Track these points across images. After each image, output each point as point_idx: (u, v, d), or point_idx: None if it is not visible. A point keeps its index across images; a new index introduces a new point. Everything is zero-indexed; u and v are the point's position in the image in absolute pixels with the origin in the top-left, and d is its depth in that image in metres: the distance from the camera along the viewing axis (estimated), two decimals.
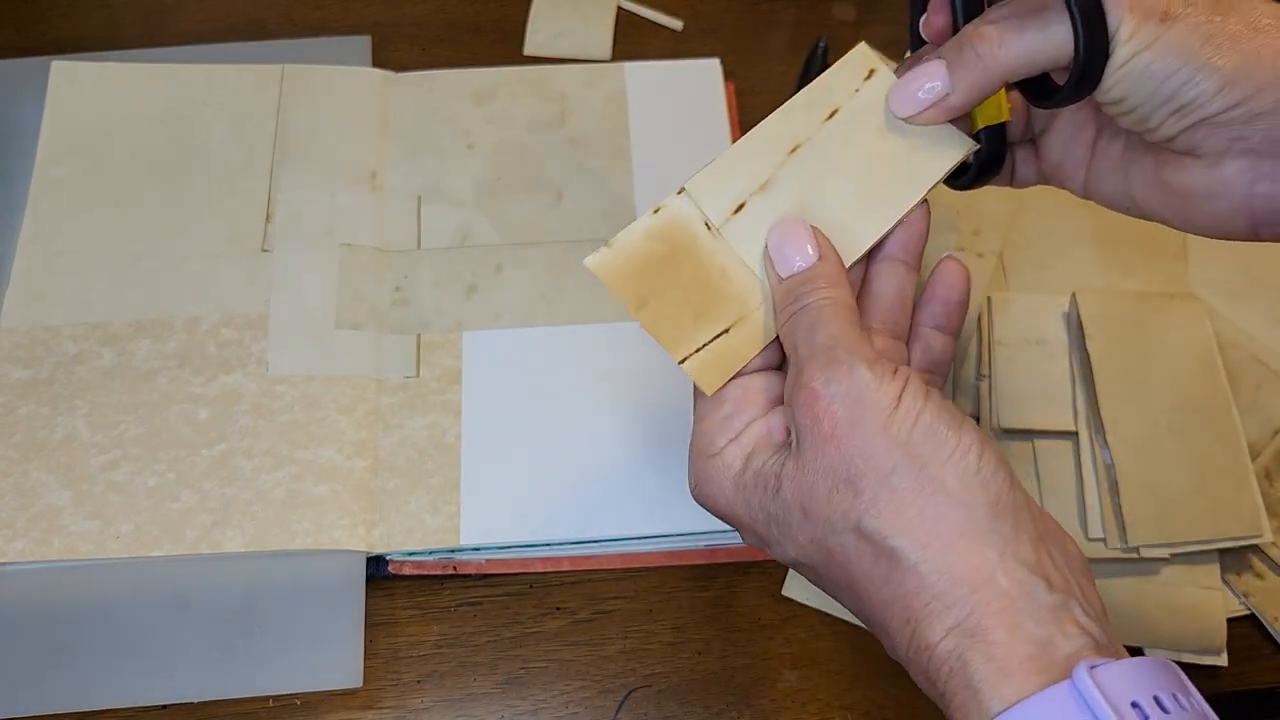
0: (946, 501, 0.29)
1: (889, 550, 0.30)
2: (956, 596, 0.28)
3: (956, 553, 0.29)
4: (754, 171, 0.37)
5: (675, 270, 0.36)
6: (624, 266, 0.36)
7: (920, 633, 0.29)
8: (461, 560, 0.47)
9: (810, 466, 0.31)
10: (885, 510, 0.30)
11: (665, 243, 0.36)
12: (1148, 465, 0.48)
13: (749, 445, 0.34)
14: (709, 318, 0.36)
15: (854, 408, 0.31)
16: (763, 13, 0.63)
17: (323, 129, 0.55)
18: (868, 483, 0.30)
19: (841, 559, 0.31)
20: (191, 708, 0.44)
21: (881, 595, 0.30)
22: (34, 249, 0.52)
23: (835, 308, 0.33)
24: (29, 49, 0.59)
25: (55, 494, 0.46)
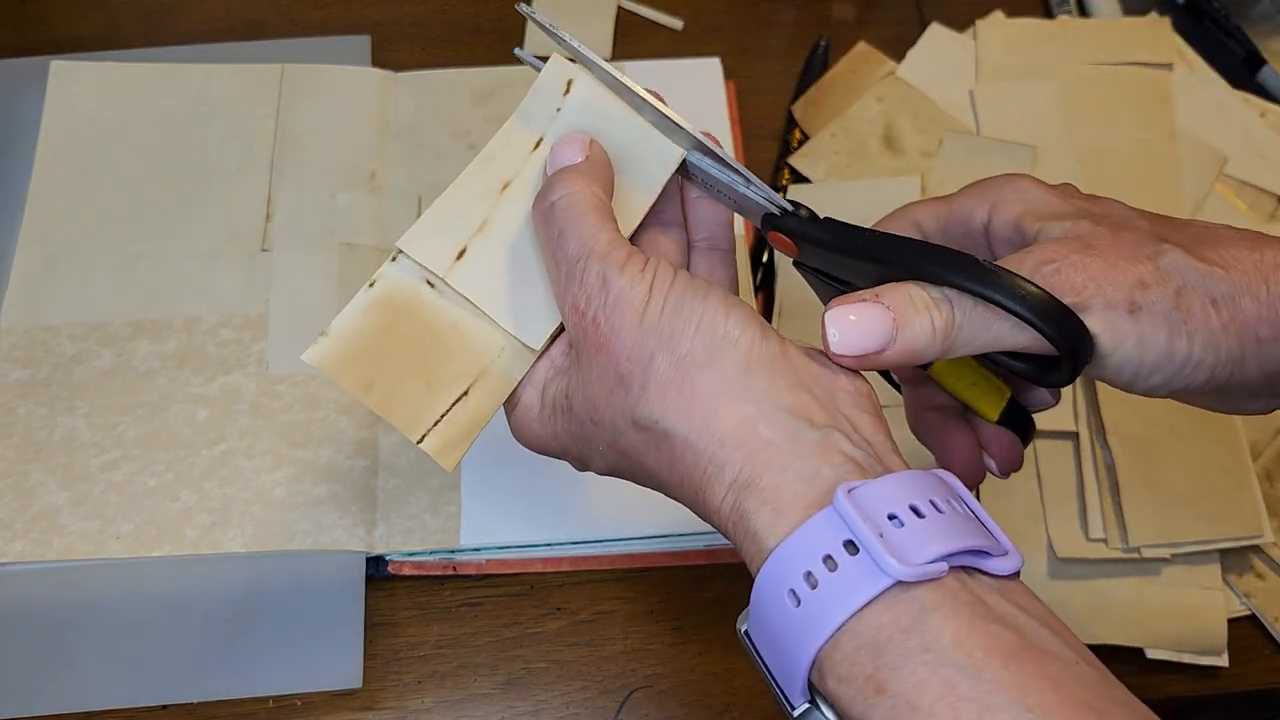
0: (700, 372, 0.31)
1: (663, 432, 0.31)
2: (726, 456, 0.30)
3: (718, 417, 0.30)
4: (468, 215, 0.35)
5: (401, 340, 0.34)
6: (346, 352, 0.34)
7: (706, 499, 0.31)
8: (461, 560, 0.47)
9: (589, 378, 0.33)
10: (652, 397, 0.31)
11: (387, 313, 0.34)
12: (1148, 465, 0.48)
13: (540, 381, 0.35)
14: (444, 383, 0.34)
15: (613, 314, 0.32)
16: (763, 13, 0.63)
17: (322, 129, 0.55)
18: (634, 377, 0.32)
19: (636, 455, 0.33)
20: (191, 708, 0.44)
21: (672, 477, 0.32)
22: (33, 249, 0.52)
23: (585, 206, 0.33)
24: (29, 49, 0.59)
25: (55, 494, 0.46)
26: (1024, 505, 0.49)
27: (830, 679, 0.27)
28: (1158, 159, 0.57)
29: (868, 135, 0.57)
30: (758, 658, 0.30)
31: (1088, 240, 0.32)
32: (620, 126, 0.36)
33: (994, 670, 0.25)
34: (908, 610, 0.26)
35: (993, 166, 0.56)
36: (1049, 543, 0.48)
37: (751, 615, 0.30)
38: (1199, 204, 0.56)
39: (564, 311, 0.33)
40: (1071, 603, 0.47)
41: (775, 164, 0.58)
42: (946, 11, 0.62)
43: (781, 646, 0.28)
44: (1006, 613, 0.27)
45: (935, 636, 0.26)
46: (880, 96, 0.58)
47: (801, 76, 0.60)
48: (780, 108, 0.59)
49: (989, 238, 0.35)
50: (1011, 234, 0.34)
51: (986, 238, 0.35)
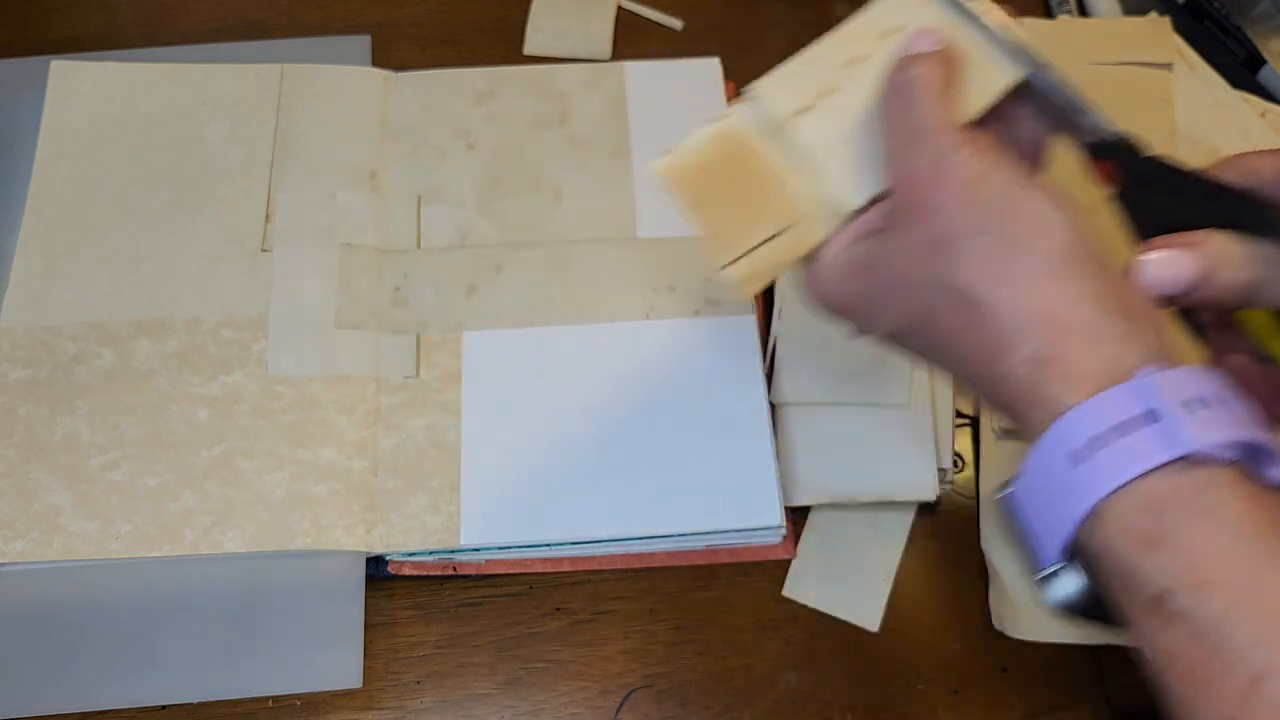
0: (1022, 251, 0.32)
1: (971, 299, 0.33)
2: (1031, 330, 0.31)
3: (1030, 294, 0.32)
4: (822, 78, 0.38)
5: (731, 174, 0.37)
6: (685, 169, 0.38)
7: (999, 368, 0.32)
8: (461, 560, 0.47)
9: (904, 240, 0.35)
10: (967, 264, 0.33)
11: (726, 147, 0.38)
12: None
13: (847, 239, 0.37)
14: (759, 221, 0.37)
15: (943, 182, 0.34)
16: (763, 13, 0.63)
17: (323, 129, 0.55)
18: (953, 244, 0.33)
19: (933, 318, 0.34)
20: (191, 708, 0.44)
21: (967, 341, 0.33)
22: (33, 249, 0.52)
23: (936, 88, 0.35)
24: (28, 49, 0.59)
25: (55, 494, 0.46)
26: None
27: (1109, 526, 0.29)
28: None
29: None
30: (1016, 520, 0.32)
31: None
32: (972, 33, 0.37)
33: (1273, 542, 0.27)
34: (1194, 481, 0.28)
35: None
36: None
37: (1024, 475, 0.31)
38: None
39: (895, 175, 0.35)
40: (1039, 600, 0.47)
41: None
42: None
43: (1054, 502, 0.30)
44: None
45: (1220, 506, 0.28)
46: None
47: None
48: None
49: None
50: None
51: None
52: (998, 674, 0.46)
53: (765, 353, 0.52)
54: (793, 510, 0.49)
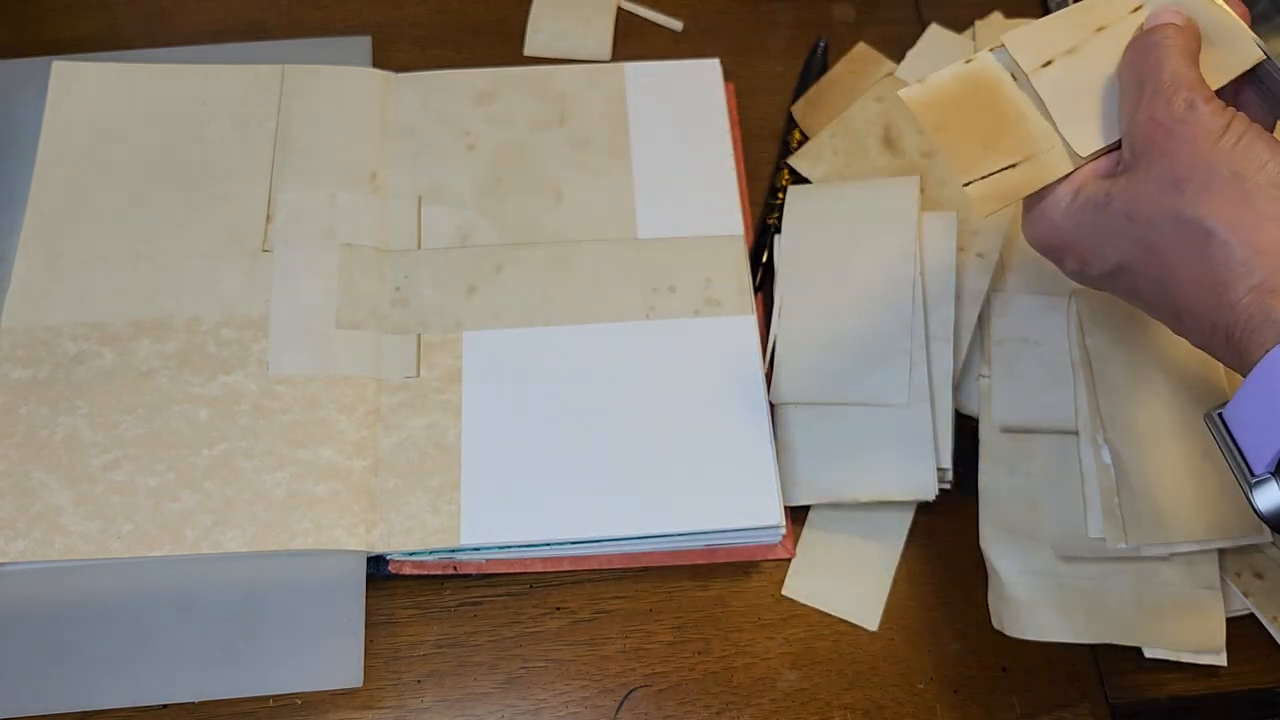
0: (1258, 196, 0.35)
1: (1204, 230, 0.36)
2: (1261, 263, 0.35)
3: (1263, 231, 0.35)
4: (1065, 38, 0.41)
5: (976, 109, 0.41)
6: (932, 97, 0.41)
7: (1225, 295, 0.35)
8: (462, 560, 0.47)
9: (1142, 178, 0.38)
10: (1203, 201, 0.36)
11: (971, 85, 0.41)
12: (1148, 465, 0.48)
13: (1079, 181, 0.40)
14: (999, 151, 0.40)
15: (1187, 130, 0.37)
16: (763, 13, 0.63)
17: (323, 129, 0.56)
18: (1192, 183, 0.36)
19: (1160, 249, 0.37)
20: (192, 708, 0.44)
21: (1193, 271, 0.36)
22: (34, 249, 0.52)
23: (1182, 52, 0.39)
24: (29, 49, 0.59)
25: (56, 494, 0.46)
26: (1023, 503, 0.49)
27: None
28: None
29: (867, 135, 0.57)
30: (1228, 435, 0.36)
31: None
32: (1212, 16, 0.40)
33: None
34: None
35: None
36: (1048, 543, 0.48)
37: (1245, 390, 0.35)
38: None
39: (1138, 123, 0.38)
40: (1068, 602, 0.47)
41: (775, 164, 0.58)
42: (945, 12, 0.62)
43: (1274, 412, 0.34)
44: None
45: None
46: (879, 97, 0.58)
47: (801, 77, 0.60)
48: (780, 108, 0.60)
49: None
50: None
51: None
52: (997, 673, 0.47)
53: (765, 353, 0.52)
54: (792, 510, 0.49)
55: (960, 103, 0.41)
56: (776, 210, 0.56)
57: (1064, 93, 0.41)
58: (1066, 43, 0.41)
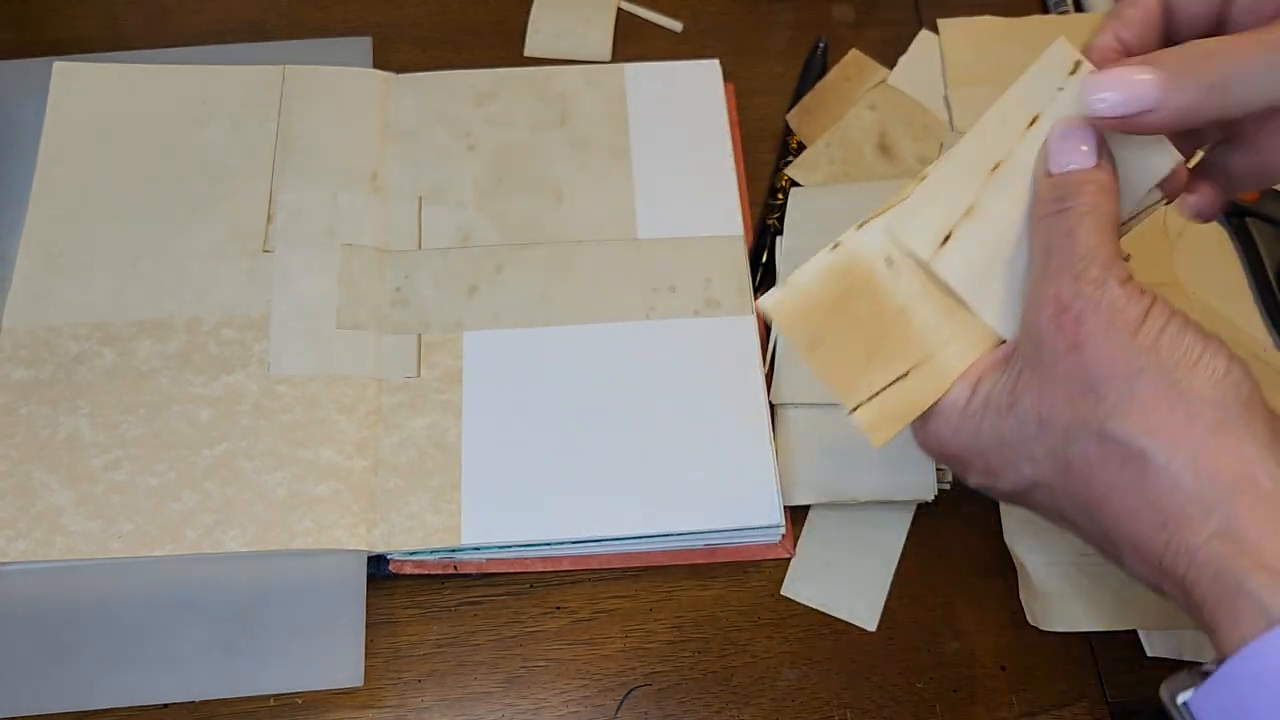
0: (1196, 400, 0.29)
1: (1137, 451, 0.29)
2: (1216, 497, 0.27)
3: (1210, 451, 0.28)
4: (958, 197, 0.35)
5: (852, 310, 0.35)
6: (800, 307, 0.35)
7: (1178, 539, 0.28)
8: (462, 560, 0.47)
9: (1050, 375, 0.31)
10: (1131, 412, 0.29)
11: (842, 281, 0.35)
12: None
13: (975, 374, 0.34)
14: (885, 362, 0.34)
15: (1101, 318, 0.30)
16: (763, 13, 0.63)
17: (324, 130, 0.56)
18: (1112, 387, 0.29)
19: (1083, 469, 0.30)
20: (192, 707, 0.45)
21: (1128, 503, 0.29)
22: (35, 249, 0.52)
23: (1098, 219, 0.32)
24: (30, 49, 0.59)
25: (57, 494, 0.47)
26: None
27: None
28: None
29: (863, 143, 0.57)
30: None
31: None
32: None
33: None
34: None
35: None
36: (1067, 539, 0.48)
37: (1220, 684, 0.27)
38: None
39: (1044, 305, 0.32)
40: (1096, 592, 0.47)
41: (774, 165, 0.58)
42: (945, 13, 0.62)
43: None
44: None
45: None
46: (873, 105, 0.59)
47: (800, 78, 0.61)
48: (780, 109, 0.60)
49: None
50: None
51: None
52: (996, 673, 0.47)
53: (765, 353, 0.52)
54: (792, 509, 0.49)
55: (833, 307, 0.35)
56: (776, 211, 0.56)
57: (971, 272, 0.34)
58: (963, 200, 0.34)
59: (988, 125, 0.35)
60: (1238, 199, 0.41)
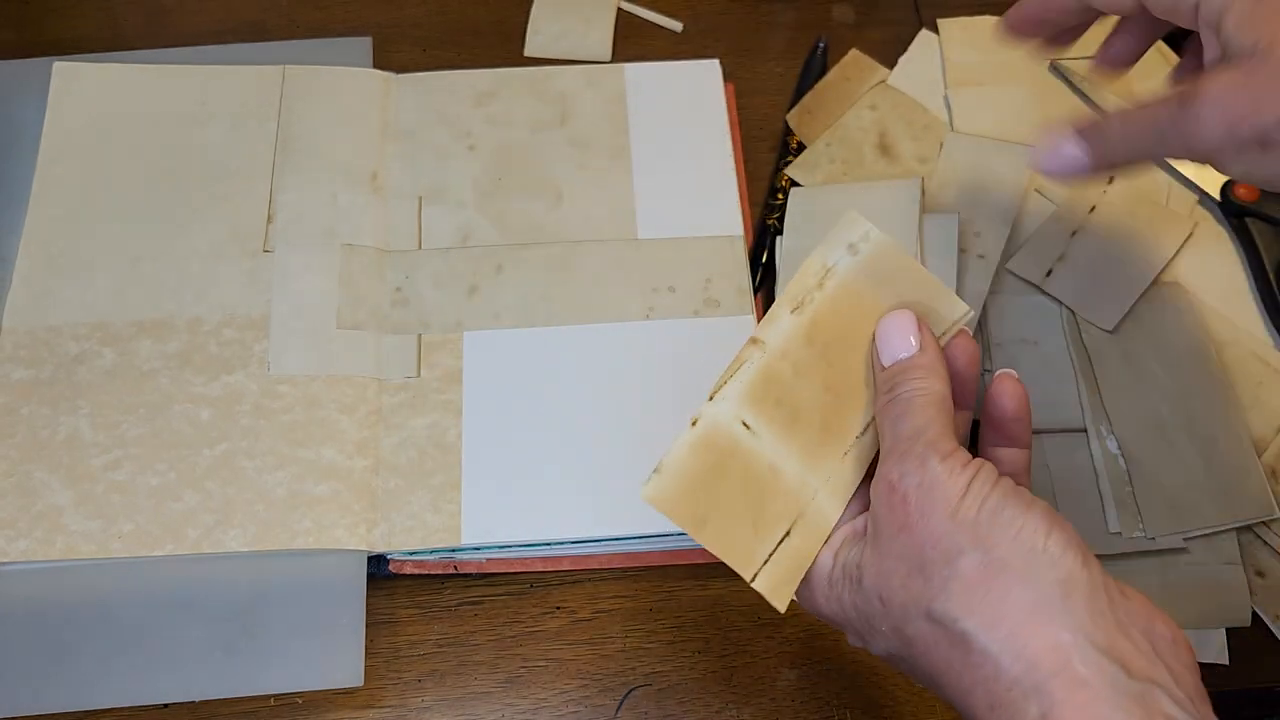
0: (1013, 580, 0.29)
1: (960, 634, 0.30)
2: (1035, 681, 0.28)
3: (1028, 634, 0.29)
4: (788, 370, 0.37)
5: (727, 479, 0.36)
6: (679, 489, 0.35)
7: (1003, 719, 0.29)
8: (462, 560, 0.47)
9: (886, 554, 0.32)
10: (953, 594, 0.30)
11: (712, 453, 0.36)
12: (1157, 455, 0.49)
13: (837, 542, 0.35)
14: (768, 524, 0.35)
15: (924, 497, 0.32)
16: (763, 13, 0.63)
17: (324, 130, 0.56)
18: (936, 568, 0.31)
19: (921, 647, 0.31)
20: (193, 707, 0.45)
21: (962, 683, 0.30)
22: (35, 249, 0.52)
23: (925, 398, 0.34)
24: (30, 50, 0.59)
25: (57, 494, 0.47)
26: (1042, 497, 0.49)
27: None
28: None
29: (863, 143, 0.57)
30: None
31: (1258, 58, 0.34)
32: (911, 278, 0.38)
33: None
34: None
35: (996, 167, 0.56)
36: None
37: None
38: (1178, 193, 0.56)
39: (877, 481, 0.34)
40: None
41: (775, 165, 0.58)
42: (945, 13, 0.62)
43: None
44: None
45: None
46: (873, 105, 0.59)
47: (801, 78, 0.61)
48: (780, 109, 0.60)
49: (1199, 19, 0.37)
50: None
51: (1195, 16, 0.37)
52: None
53: None
54: None
55: (709, 481, 0.35)
56: (776, 211, 0.56)
57: (800, 430, 0.36)
58: (787, 370, 0.37)
59: (781, 304, 0.38)
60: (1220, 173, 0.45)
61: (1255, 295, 0.54)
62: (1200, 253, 0.55)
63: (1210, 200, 0.56)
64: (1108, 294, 0.52)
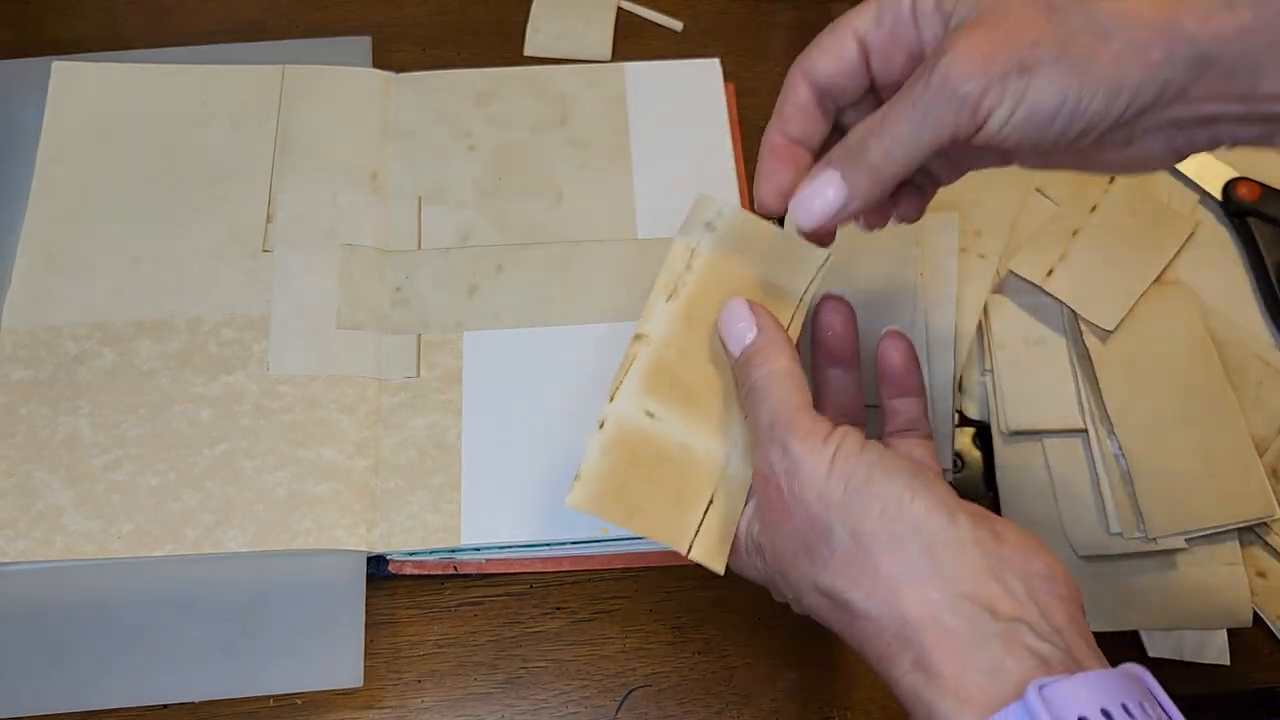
0: (883, 553, 0.32)
1: (844, 603, 0.33)
2: (908, 635, 0.31)
3: (900, 597, 0.31)
4: (675, 358, 0.39)
5: (644, 467, 0.38)
6: (601, 490, 0.37)
7: (889, 671, 0.32)
8: (462, 560, 0.47)
9: (775, 535, 0.35)
10: (833, 568, 0.33)
11: (624, 448, 0.38)
12: (1157, 456, 0.49)
13: (747, 516, 0.38)
14: (690, 498, 0.38)
15: (793, 483, 0.34)
16: (763, 13, 0.63)
17: (324, 130, 0.56)
18: (817, 548, 0.33)
19: (821, 614, 0.35)
20: (193, 707, 0.45)
21: (855, 642, 0.33)
22: (35, 249, 0.52)
23: (771, 380, 0.36)
24: (30, 49, 0.59)
25: (57, 494, 0.47)
26: (1042, 498, 0.49)
27: None
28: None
29: None
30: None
31: (991, 18, 0.32)
32: (767, 239, 0.40)
33: None
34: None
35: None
36: (1068, 541, 0.48)
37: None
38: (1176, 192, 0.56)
39: (754, 474, 0.36)
40: (1097, 592, 0.47)
41: None
42: None
43: None
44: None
45: None
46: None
47: None
48: None
49: (916, 22, 0.35)
50: (932, 11, 0.35)
51: (915, 23, 0.35)
52: None
53: None
54: None
55: (627, 474, 0.37)
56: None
57: (699, 405, 0.38)
58: (674, 355, 0.39)
59: (662, 274, 0.40)
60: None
61: (1255, 295, 0.54)
62: (1201, 253, 0.55)
63: (1211, 200, 0.56)
64: (1108, 294, 0.52)
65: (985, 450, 0.51)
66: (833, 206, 0.35)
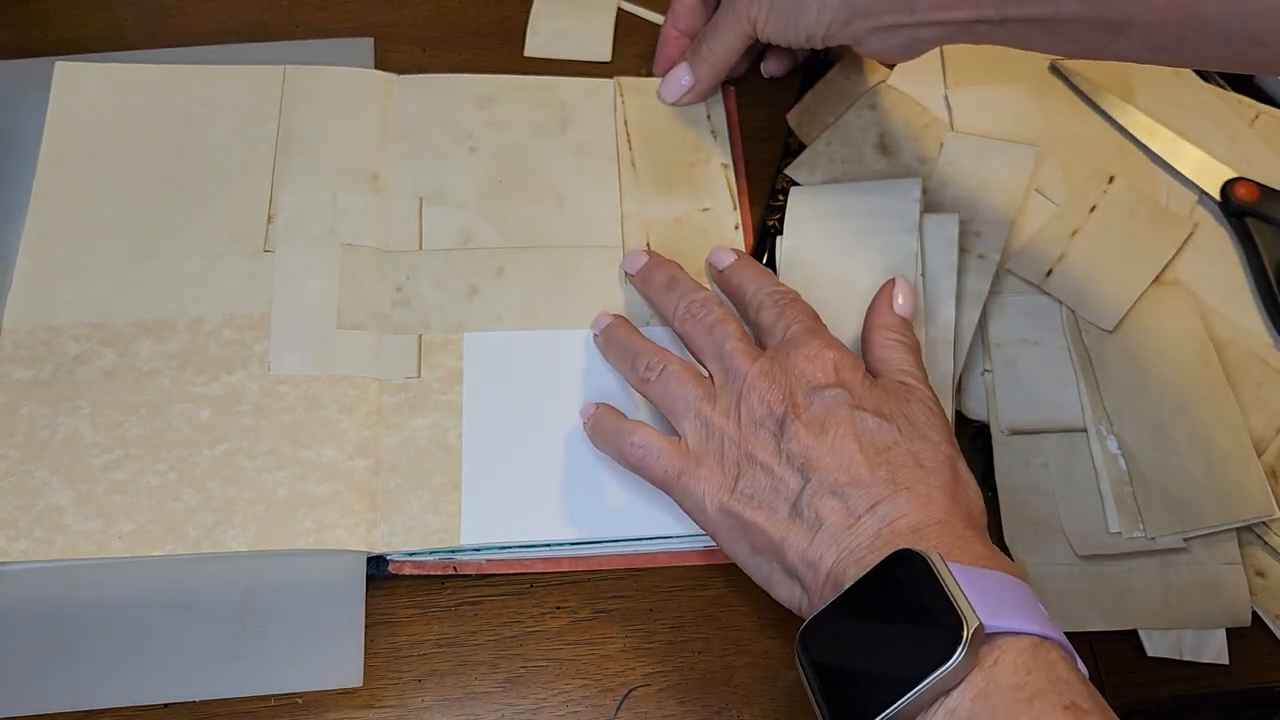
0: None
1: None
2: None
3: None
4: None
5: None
6: None
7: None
8: (462, 560, 0.47)
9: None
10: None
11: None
12: (1157, 455, 0.49)
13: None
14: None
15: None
16: None
17: (325, 130, 0.56)
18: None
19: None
20: (192, 707, 0.44)
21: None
22: (36, 249, 0.52)
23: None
24: (31, 50, 0.59)
25: (57, 494, 0.47)
26: (1042, 497, 0.49)
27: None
28: (1126, 147, 0.58)
29: (862, 143, 0.57)
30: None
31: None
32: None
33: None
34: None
35: (996, 166, 0.56)
36: (1067, 541, 0.48)
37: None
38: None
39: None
40: (1097, 592, 0.47)
41: (775, 166, 0.58)
42: None
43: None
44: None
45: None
46: (873, 104, 0.59)
47: (800, 78, 0.61)
48: (780, 110, 0.60)
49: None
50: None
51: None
52: None
53: None
54: None
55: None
56: (777, 212, 0.56)
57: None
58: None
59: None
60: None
61: (1255, 295, 0.54)
62: (1200, 253, 0.55)
63: (1210, 200, 0.56)
64: (1108, 294, 0.52)
65: (984, 450, 0.51)
66: (684, 87, 0.56)
